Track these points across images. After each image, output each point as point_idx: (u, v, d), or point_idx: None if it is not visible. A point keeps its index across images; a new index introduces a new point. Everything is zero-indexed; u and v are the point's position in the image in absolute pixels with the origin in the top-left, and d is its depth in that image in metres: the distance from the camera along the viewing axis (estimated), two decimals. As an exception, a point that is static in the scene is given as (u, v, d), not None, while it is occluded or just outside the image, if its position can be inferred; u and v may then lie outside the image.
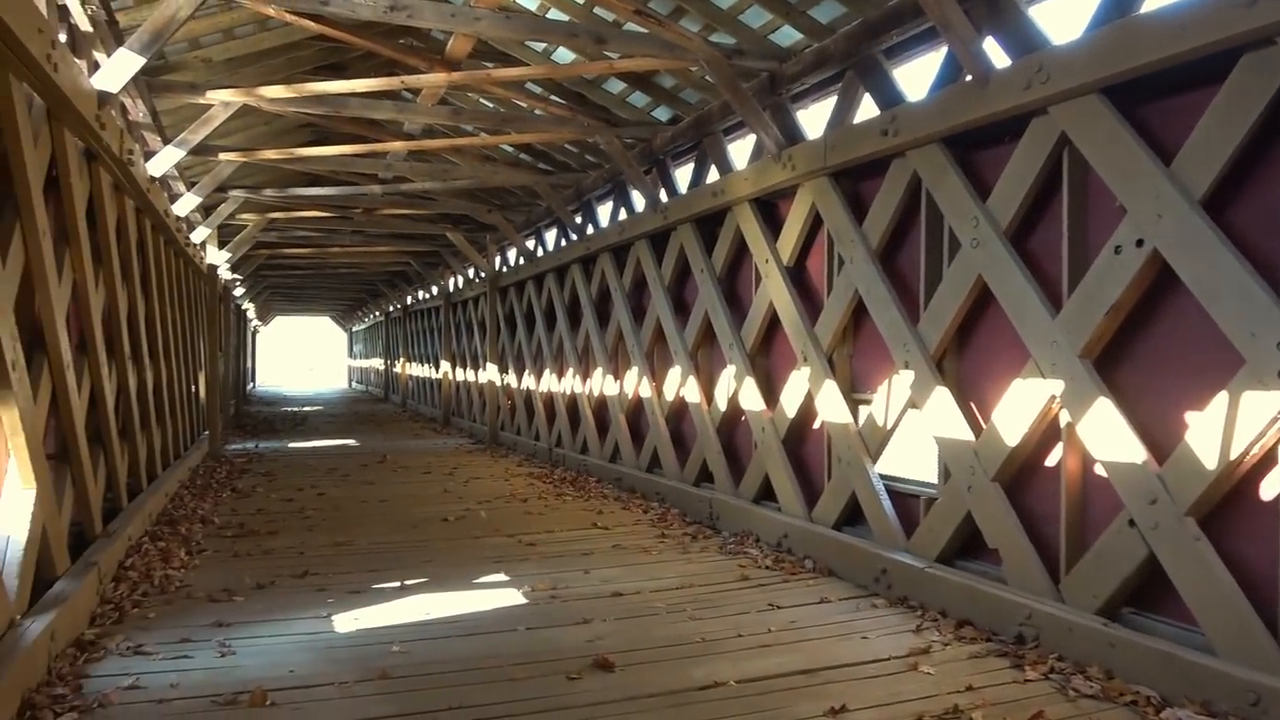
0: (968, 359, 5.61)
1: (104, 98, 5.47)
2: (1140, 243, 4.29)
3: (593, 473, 11.04)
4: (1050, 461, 5.00)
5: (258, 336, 39.65)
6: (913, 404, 5.82)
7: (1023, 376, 4.95)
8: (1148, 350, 4.47)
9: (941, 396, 5.53)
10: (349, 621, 5.15)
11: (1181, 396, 4.28)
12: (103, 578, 5.45)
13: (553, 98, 9.15)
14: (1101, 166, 4.51)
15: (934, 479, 5.95)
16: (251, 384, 35.62)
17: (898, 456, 6.73)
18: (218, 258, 14.21)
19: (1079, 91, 4.54)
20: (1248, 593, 3.84)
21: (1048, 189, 4.97)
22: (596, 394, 11.15)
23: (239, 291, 21.38)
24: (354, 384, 45.51)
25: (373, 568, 6.47)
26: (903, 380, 5.85)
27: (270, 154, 9.83)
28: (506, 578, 6.20)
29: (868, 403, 6.45)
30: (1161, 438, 4.31)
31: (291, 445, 15.63)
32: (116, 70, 5.44)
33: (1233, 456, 3.88)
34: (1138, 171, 4.30)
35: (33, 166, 4.63)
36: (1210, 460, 3.96)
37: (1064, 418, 4.80)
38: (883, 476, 6.24)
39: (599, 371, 11.00)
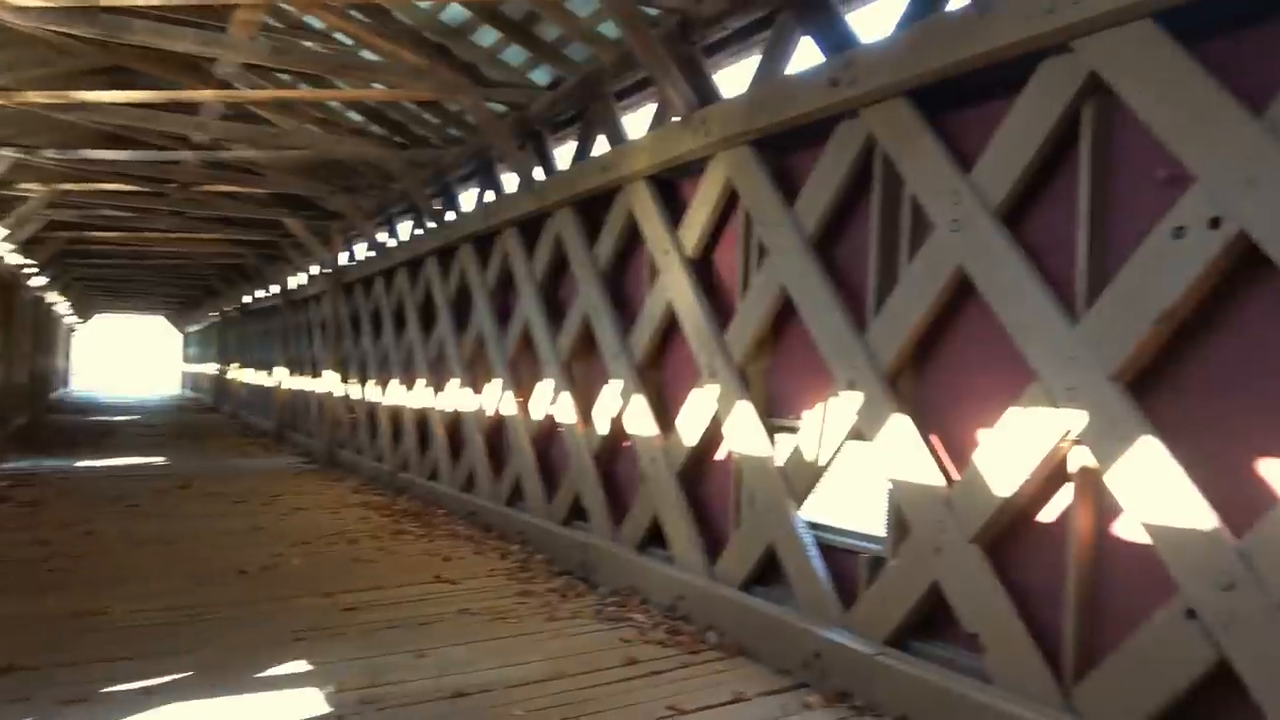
0: (936, 378, 4.31)
1: None
2: (1217, 221, 3.07)
3: (442, 504, 9.30)
4: (1051, 520, 3.74)
5: (72, 335, 35.53)
6: (858, 434, 4.50)
7: (1022, 404, 3.68)
8: (1215, 372, 3.25)
9: (899, 426, 4.22)
10: (35, 759, 3.33)
11: (1275, 440, 3.06)
12: None
13: (406, 44, 7.44)
14: (1149, 113, 3.28)
15: (878, 530, 4.65)
16: (64, 388, 31.64)
17: (820, 498, 5.40)
18: (-10, 233, 11.69)
19: (1129, 14, 3.31)
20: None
21: (1057, 153, 3.74)
22: (450, 410, 9.44)
23: (37, 281, 18.43)
24: (187, 390, 41.58)
25: (118, 654, 4.58)
26: (845, 404, 4.51)
27: (36, 96, 7.71)
28: (309, 668, 4.46)
29: (791, 430, 5.10)
30: (1238, 499, 3.08)
31: (82, 464, 13.07)
32: None
33: (1368, 529, 2.68)
34: (1216, 116, 3.08)
35: None
36: (1330, 533, 2.75)
37: (1078, 461, 3.56)
38: (811, 525, 4.89)
39: (454, 383, 9.31)
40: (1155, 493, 3.19)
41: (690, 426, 5.68)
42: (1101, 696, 3.34)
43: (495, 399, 8.38)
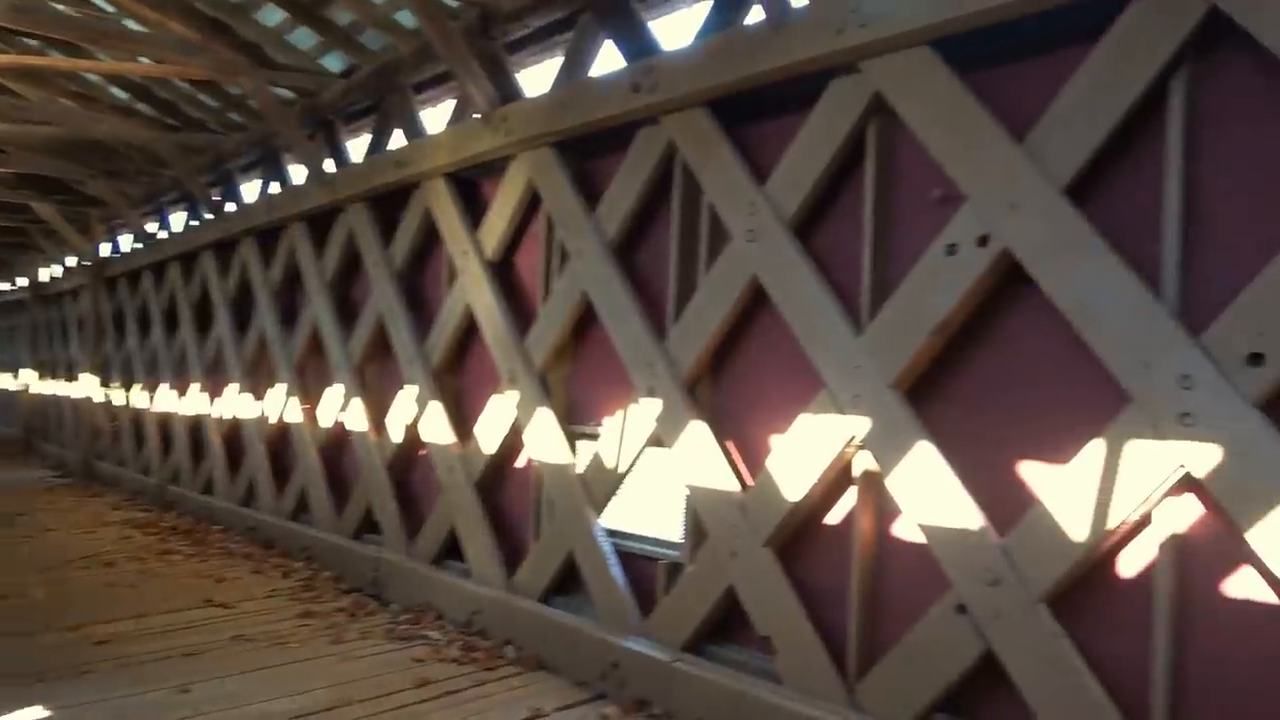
0: (732, 386, 4.38)
1: None
2: (985, 240, 3.28)
3: (218, 519, 8.55)
4: (838, 523, 3.88)
5: None
6: (657, 441, 4.50)
7: (812, 411, 3.79)
8: (981, 382, 3.47)
9: (697, 433, 4.25)
10: None
11: (1033, 444, 3.29)
12: None
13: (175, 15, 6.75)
14: (926, 135, 3.47)
15: (676, 537, 4.67)
16: None
17: (620, 505, 5.37)
18: None
19: (909, 40, 3.48)
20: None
21: (846, 169, 3.89)
22: (229, 417, 8.72)
23: None
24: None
25: None
26: (644, 411, 4.50)
27: None
28: (47, 713, 3.92)
29: (591, 437, 5.05)
30: (1002, 499, 3.30)
31: None
32: None
33: (1109, 526, 2.93)
34: (985, 141, 3.29)
35: None
36: (1078, 534, 2.99)
37: (860, 465, 3.71)
38: (610, 533, 4.85)
39: (233, 389, 8.60)
40: (930, 495, 3.37)
41: (490, 434, 5.50)
42: (882, 691, 3.48)
43: (279, 405, 7.81)
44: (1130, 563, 3.01)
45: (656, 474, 4.97)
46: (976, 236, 3.29)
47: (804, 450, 3.80)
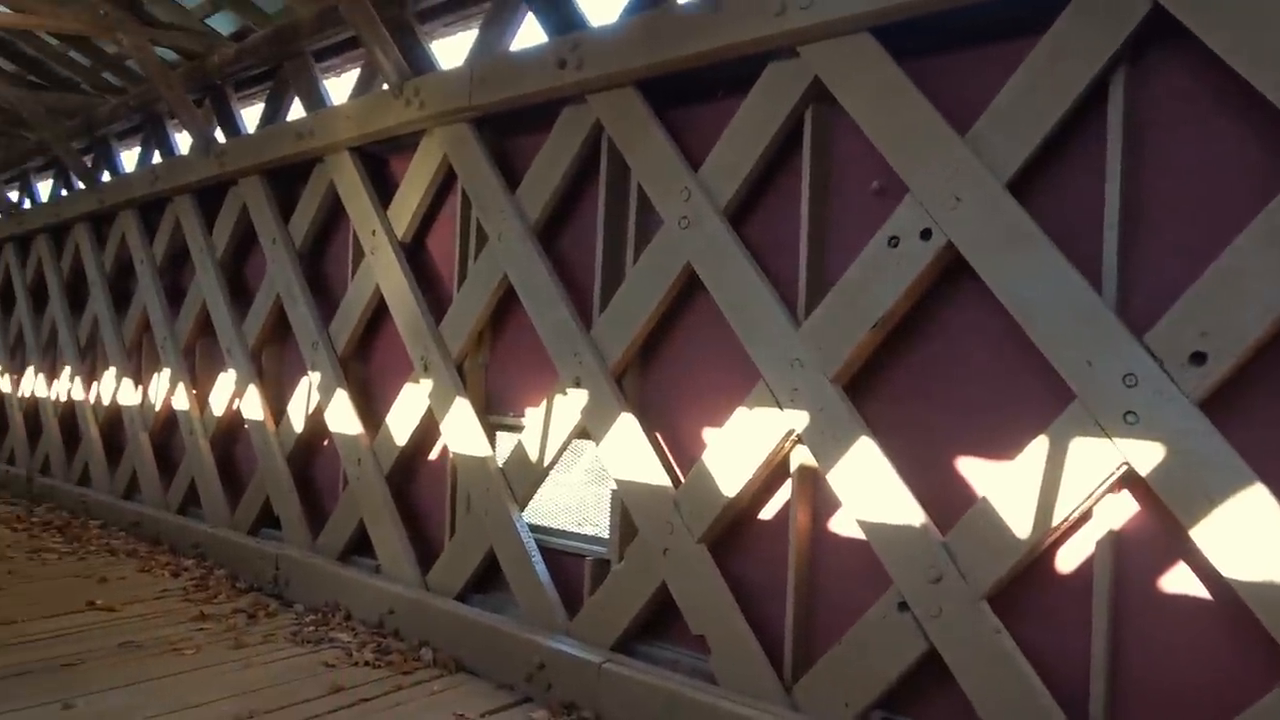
0: (661, 377, 4.25)
1: None
2: (928, 233, 3.22)
3: (96, 514, 7.94)
4: (773, 519, 3.81)
5: None
6: (583, 434, 4.34)
7: (749, 405, 3.70)
8: (922, 375, 3.43)
9: (626, 426, 4.11)
10: None
11: (975, 440, 3.27)
12: None
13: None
14: (867, 123, 3.39)
15: (603, 532, 4.54)
16: None
17: (544, 500, 5.19)
18: None
19: (850, 25, 3.38)
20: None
21: (783, 155, 3.79)
22: (107, 404, 8.09)
23: None
24: None
25: None
26: (570, 402, 4.33)
27: None
28: (-100, 742, 3.51)
29: (512, 429, 4.85)
30: (944, 496, 3.28)
31: None
32: None
33: (1053, 523, 2.94)
34: (928, 133, 3.23)
35: None
36: (1021, 530, 2.99)
37: (798, 460, 3.64)
38: (533, 528, 4.67)
39: (112, 373, 7.98)
40: (870, 491, 3.32)
41: (401, 424, 5.23)
42: (821, 690, 3.43)
43: (165, 391, 7.28)
44: (1070, 558, 3.03)
45: (584, 467, 4.82)
46: (919, 229, 3.24)
47: (740, 444, 3.70)
